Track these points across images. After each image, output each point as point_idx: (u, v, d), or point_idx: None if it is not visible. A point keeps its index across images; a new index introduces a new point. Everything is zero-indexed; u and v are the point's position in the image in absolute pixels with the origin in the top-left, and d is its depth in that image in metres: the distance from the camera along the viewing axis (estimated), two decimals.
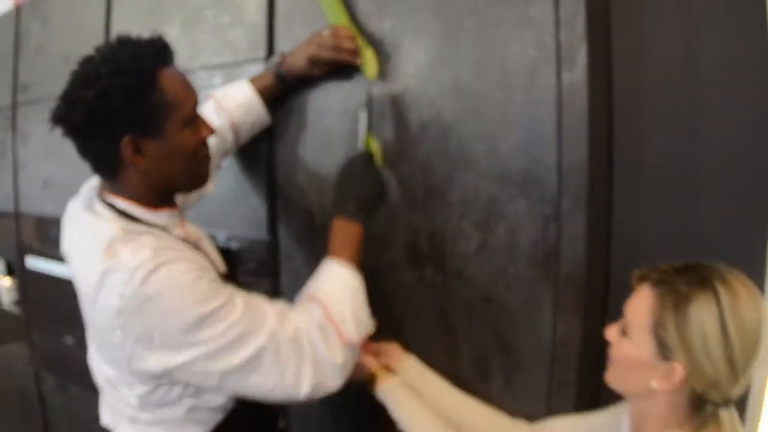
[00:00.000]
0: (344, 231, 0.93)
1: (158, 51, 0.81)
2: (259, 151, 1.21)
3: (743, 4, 0.96)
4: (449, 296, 1.00)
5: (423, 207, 1.01)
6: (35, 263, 1.89)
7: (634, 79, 0.96)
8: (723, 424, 0.68)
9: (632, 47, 0.96)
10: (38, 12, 1.84)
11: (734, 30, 0.96)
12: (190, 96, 0.85)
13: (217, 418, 0.90)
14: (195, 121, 0.86)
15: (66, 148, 1.71)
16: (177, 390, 0.84)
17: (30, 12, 1.88)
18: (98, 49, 0.81)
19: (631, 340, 0.73)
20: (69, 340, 1.85)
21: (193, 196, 1.07)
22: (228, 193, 1.25)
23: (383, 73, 1.03)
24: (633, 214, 0.96)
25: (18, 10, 1.93)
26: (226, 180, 1.24)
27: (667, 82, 0.98)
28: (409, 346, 1.03)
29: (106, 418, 0.98)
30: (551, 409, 0.92)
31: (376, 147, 1.00)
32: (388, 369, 0.99)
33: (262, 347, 0.79)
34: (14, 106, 1.93)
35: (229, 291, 0.81)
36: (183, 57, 1.30)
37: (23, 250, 1.95)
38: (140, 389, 0.83)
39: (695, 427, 0.70)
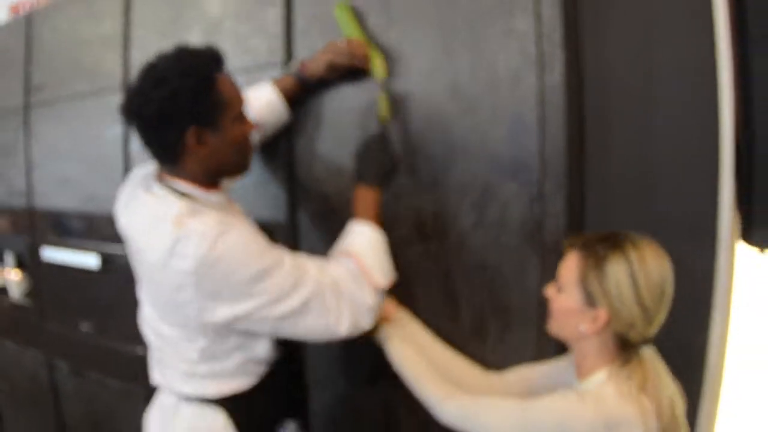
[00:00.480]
0: (365, 197, 1.09)
1: (215, 59, 0.98)
2: (280, 145, 1.36)
3: (693, 22, 1.17)
4: (451, 265, 1.18)
5: (428, 191, 1.19)
6: (50, 254, 1.99)
7: (601, 81, 1.16)
8: (643, 359, 0.89)
9: (599, 55, 1.16)
10: (50, 18, 1.94)
11: (685, 40, 1.17)
12: (239, 97, 1.02)
13: (261, 370, 1.06)
14: (242, 118, 1.03)
15: (75, 146, 1.86)
16: (232, 342, 1.00)
17: (42, 17, 1.98)
18: (163, 56, 0.97)
19: (564, 293, 0.94)
20: (85, 327, 1.95)
21: (227, 183, 1.22)
22: (252, 182, 1.40)
23: (390, 75, 1.20)
24: (602, 194, 1.16)
25: (29, 16, 2.03)
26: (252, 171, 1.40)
27: (628, 84, 1.18)
28: (418, 309, 1.20)
29: (157, 377, 1.13)
30: (539, 357, 1.11)
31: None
32: (386, 320, 1.16)
33: (309, 295, 0.96)
34: (27, 106, 2.03)
35: (279, 250, 0.98)
36: None
37: (37, 242, 2.05)
38: (202, 343, 0.99)
39: (622, 362, 0.90)
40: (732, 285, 1.25)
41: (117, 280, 1.78)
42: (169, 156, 1.00)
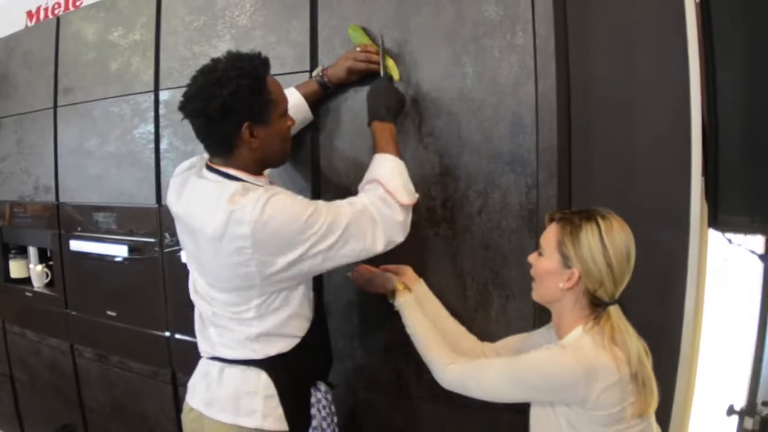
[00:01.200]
0: (382, 131, 1.25)
1: (264, 62, 1.15)
2: (305, 141, 1.52)
3: (668, 35, 1.37)
4: (458, 246, 1.35)
5: (438, 181, 1.36)
6: (79, 244, 2.12)
7: (585, 88, 1.35)
8: (612, 316, 1.07)
9: (584, 65, 1.34)
10: (79, 23, 2.08)
11: (660, 51, 1.37)
12: (284, 96, 1.19)
13: (302, 331, 1.22)
14: (286, 114, 1.20)
15: (102, 145, 1.99)
16: (280, 299, 1.16)
17: (70, 22, 2.11)
18: (219, 60, 1.13)
19: (545, 257, 1.11)
20: (111, 313, 2.07)
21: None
22: (280, 174, 1.54)
23: (402, 77, 1.38)
24: (587, 184, 1.35)
25: (58, 20, 2.16)
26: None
27: (610, 89, 1.37)
28: (430, 285, 1.37)
29: (204, 346, 1.26)
30: (535, 325, 1.28)
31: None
32: (405, 286, 1.32)
33: (347, 225, 1.11)
34: (55, 107, 2.17)
35: (315, 202, 1.14)
36: None
37: (64, 235, 2.18)
38: (257, 301, 1.14)
39: (594, 319, 1.08)
40: (703, 265, 1.44)
41: (141, 270, 1.92)
42: (225, 147, 1.15)
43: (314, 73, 1.45)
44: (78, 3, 2.73)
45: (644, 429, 1.06)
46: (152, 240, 1.87)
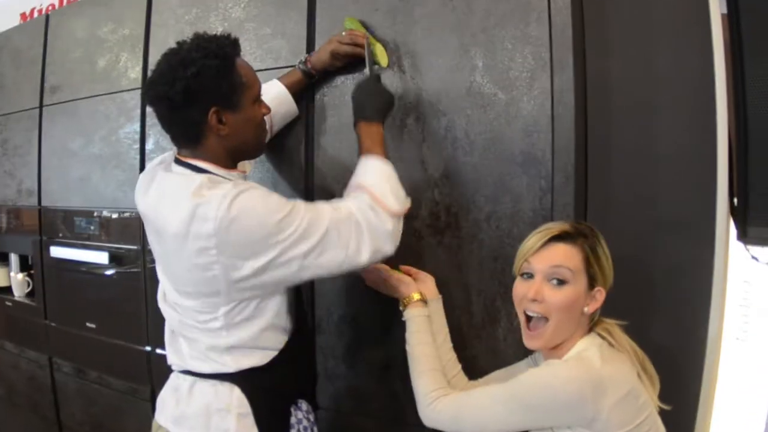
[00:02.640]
0: (369, 132, 1.14)
1: (233, 43, 1.04)
2: (297, 143, 1.42)
3: (691, 28, 1.26)
4: (464, 256, 1.23)
5: (442, 184, 1.24)
6: (58, 252, 2.00)
7: (603, 84, 1.23)
8: (602, 320, 1.00)
9: (602, 59, 1.23)
10: (68, 19, 2.00)
11: (683, 46, 1.26)
12: (257, 79, 1.08)
13: (278, 343, 1.10)
14: (260, 100, 1.09)
15: (87, 146, 1.89)
16: (252, 308, 1.04)
17: (60, 18, 2.04)
18: (183, 42, 1.03)
19: (573, 283, 0.97)
20: (90, 325, 1.95)
21: (246, 166, 1.28)
22: (271, 177, 1.46)
23: (390, 63, 1.29)
24: (604, 189, 1.22)
25: (48, 16, 2.08)
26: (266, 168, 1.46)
27: (629, 86, 1.25)
28: None
29: (173, 358, 1.15)
30: None
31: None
32: (422, 297, 1.17)
33: (326, 230, 1.00)
34: (41, 107, 2.07)
35: (293, 201, 1.02)
36: None
37: (46, 241, 2.07)
38: (223, 309, 1.02)
39: (591, 330, 0.99)
40: (726, 279, 1.31)
41: (124, 280, 1.81)
42: (192, 136, 1.04)
43: (297, 62, 1.36)
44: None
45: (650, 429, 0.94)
46: (135, 247, 1.76)
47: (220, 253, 0.97)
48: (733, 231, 1.29)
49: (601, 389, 0.88)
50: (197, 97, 0.99)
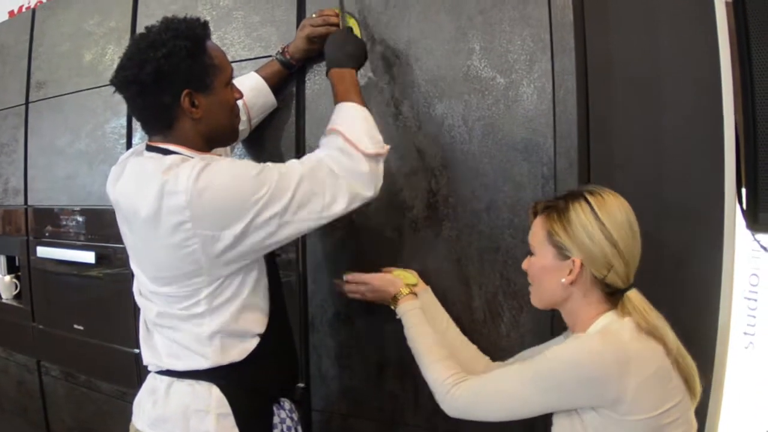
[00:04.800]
0: (342, 78, 1.11)
1: (203, 25, 1.01)
2: (289, 126, 1.37)
3: (695, 10, 1.21)
4: (463, 248, 1.17)
5: (440, 173, 1.19)
6: (45, 252, 1.95)
7: (604, 68, 1.18)
8: (634, 302, 0.91)
9: (603, 41, 1.18)
10: (55, 12, 1.94)
11: (687, 28, 1.20)
12: (228, 62, 1.05)
13: (260, 328, 1.05)
14: (232, 84, 1.05)
15: (74, 142, 1.84)
16: (233, 287, 1.00)
17: (46, 12, 1.98)
18: (152, 26, 0.98)
19: (536, 254, 0.96)
20: (78, 327, 1.90)
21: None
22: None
23: (364, 36, 1.25)
24: (608, 176, 1.17)
25: (34, 11, 2.03)
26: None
27: (631, 70, 1.20)
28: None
29: (148, 356, 1.09)
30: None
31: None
32: (411, 291, 1.14)
33: (299, 182, 0.96)
34: (27, 104, 2.02)
35: (261, 164, 0.99)
36: None
37: (32, 241, 2.01)
38: (206, 291, 0.98)
39: (615, 310, 0.92)
40: (733, 271, 1.26)
41: (111, 280, 1.76)
42: (164, 121, 1.00)
43: (275, 52, 1.32)
44: None
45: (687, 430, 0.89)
46: (122, 245, 1.69)
47: (196, 225, 0.92)
48: (740, 222, 1.24)
49: (627, 365, 0.83)
50: (169, 79, 0.95)
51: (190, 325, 1.01)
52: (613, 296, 0.92)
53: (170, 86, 0.96)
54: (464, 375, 0.99)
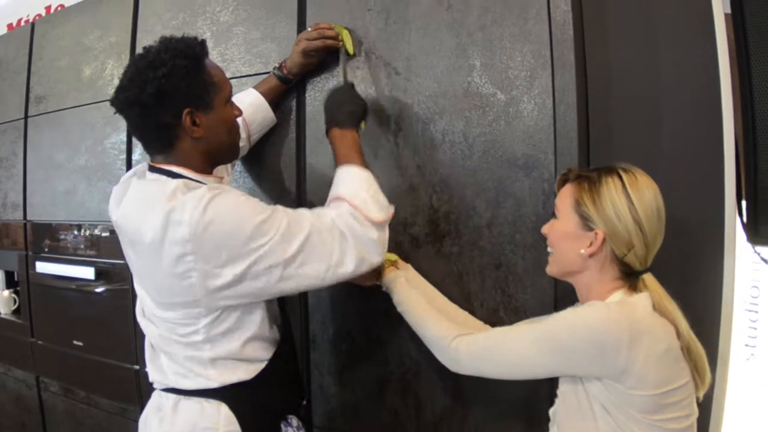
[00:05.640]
0: (343, 139, 1.09)
1: (201, 44, 1.01)
2: (289, 143, 1.37)
3: (694, 23, 1.21)
4: (464, 264, 1.17)
5: (441, 189, 1.19)
6: (45, 266, 1.94)
7: (603, 84, 1.18)
8: (649, 285, 0.90)
9: (601, 57, 1.18)
10: (54, 27, 1.95)
11: (686, 42, 1.20)
12: (227, 80, 1.05)
13: (264, 355, 1.04)
14: (231, 101, 1.05)
15: (73, 157, 1.83)
16: (233, 319, 0.99)
17: (45, 26, 1.98)
18: (150, 46, 0.99)
19: (560, 219, 0.95)
20: (77, 343, 1.89)
21: (226, 178, 1.23)
22: (261, 179, 1.42)
23: (357, 50, 1.26)
24: None
25: (33, 25, 2.03)
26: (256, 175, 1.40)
27: (631, 85, 1.20)
28: None
29: (154, 374, 1.09)
30: None
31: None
32: (392, 264, 1.16)
33: (308, 236, 0.95)
34: (26, 118, 2.02)
35: (272, 205, 0.97)
36: None
37: (31, 257, 2.00)
38: (204, 321, 0.97)
39: (628, 288, 0.91)
40: (734, 284, 1.26)
41: (111, 296, 1.75)
42: (165, 141, 1.00)
43: (272, 68, 1.32)
44: None
45: (692, 424, 0.88)
46: (121, 262, 1.68)
47: (197, 259, 0.91)
48: (741, 234, 1.24)
49: (638, 337, 0.82)
50: (170, 99, 0.95)
51: (191, 351, 1.00)
52: (628, 277, 0.91)
53: (171, 106, 0.96)
54: (465, 330, 0.99)
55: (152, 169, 1.02)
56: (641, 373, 0.82)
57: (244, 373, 1.02)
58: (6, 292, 2.21)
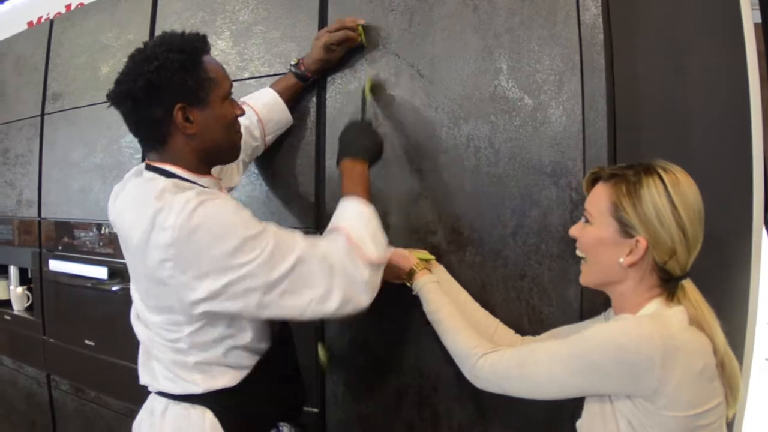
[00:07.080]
0: (352, 171, 1.07)
1: (200, 39, 0.98)
2: (308, 156, 1.34)
3: (722, 28, 1.16)
4: (487, 274, 1.13)
5: (464, 197, 1.15)
6: (58, 264, 1.93)
7: (631, 90, 1.14)
8: (687, 292, 0.84)
9: (630, 65, 1.14)
10: (72, 25, 1.94)
11: (714, 47, 1.16)
12: (227, 77, 1.01)
13: (251, 362, 1.01)
14: (231, 99, 1.02)
15: (89, 155, 1.81)
16: (219, 330, 0.96)
17: (63, 24, 1.98)
18: (149, 41, 0.97)
19: (595, 225, 0.88)
20: (89, 342, 1.88)
21: (225, 181, 1.20)
22: (282, 191, 1.38)
23: (373, 44, 1.25)
24: None
25: (51, 22, 2.03)
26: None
27: (659, 91, 1.16)
28: None
29: (145, 378, 1.07)
30: None
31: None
32: (425, 266, 1.10)
33: (295, 264, 0.90)
34: (43, 115, 2.01)
35: (264, 222, 0.93)
36: (232, 68, 1.43)
37: (45, 254, 2.00)
38: (188, 329, 0.94)
39: (666, 297, 0.85)
40: (758, 297, 1.21)
41: (123, 296, 1.73)
42: (157, 137, 0.97)
43: (290, 65, 1.30)
44: None
45: None
46: None
47: (176, 266, 0.88)
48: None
49: (672, 355, 0.76)
50: (161, 93, 0.92)
51: (177, 355, 0.98)
52: (667, 283, 0.85)
53: (162, 100, 0.93)
54: (492, 346, 0.94)
55: (148, 167, 1.00)
56: (675, 393, 0.77)
57: (229, 379, 1.00)
58: (20, 289, 2.21)
